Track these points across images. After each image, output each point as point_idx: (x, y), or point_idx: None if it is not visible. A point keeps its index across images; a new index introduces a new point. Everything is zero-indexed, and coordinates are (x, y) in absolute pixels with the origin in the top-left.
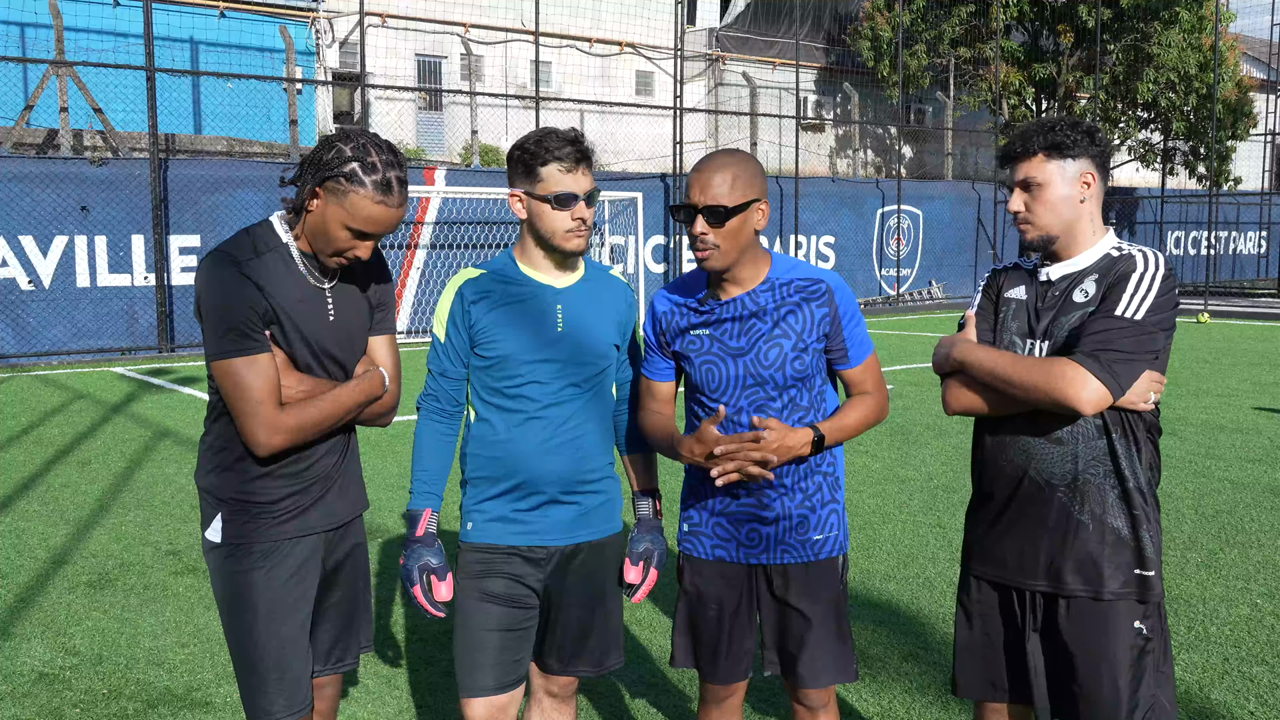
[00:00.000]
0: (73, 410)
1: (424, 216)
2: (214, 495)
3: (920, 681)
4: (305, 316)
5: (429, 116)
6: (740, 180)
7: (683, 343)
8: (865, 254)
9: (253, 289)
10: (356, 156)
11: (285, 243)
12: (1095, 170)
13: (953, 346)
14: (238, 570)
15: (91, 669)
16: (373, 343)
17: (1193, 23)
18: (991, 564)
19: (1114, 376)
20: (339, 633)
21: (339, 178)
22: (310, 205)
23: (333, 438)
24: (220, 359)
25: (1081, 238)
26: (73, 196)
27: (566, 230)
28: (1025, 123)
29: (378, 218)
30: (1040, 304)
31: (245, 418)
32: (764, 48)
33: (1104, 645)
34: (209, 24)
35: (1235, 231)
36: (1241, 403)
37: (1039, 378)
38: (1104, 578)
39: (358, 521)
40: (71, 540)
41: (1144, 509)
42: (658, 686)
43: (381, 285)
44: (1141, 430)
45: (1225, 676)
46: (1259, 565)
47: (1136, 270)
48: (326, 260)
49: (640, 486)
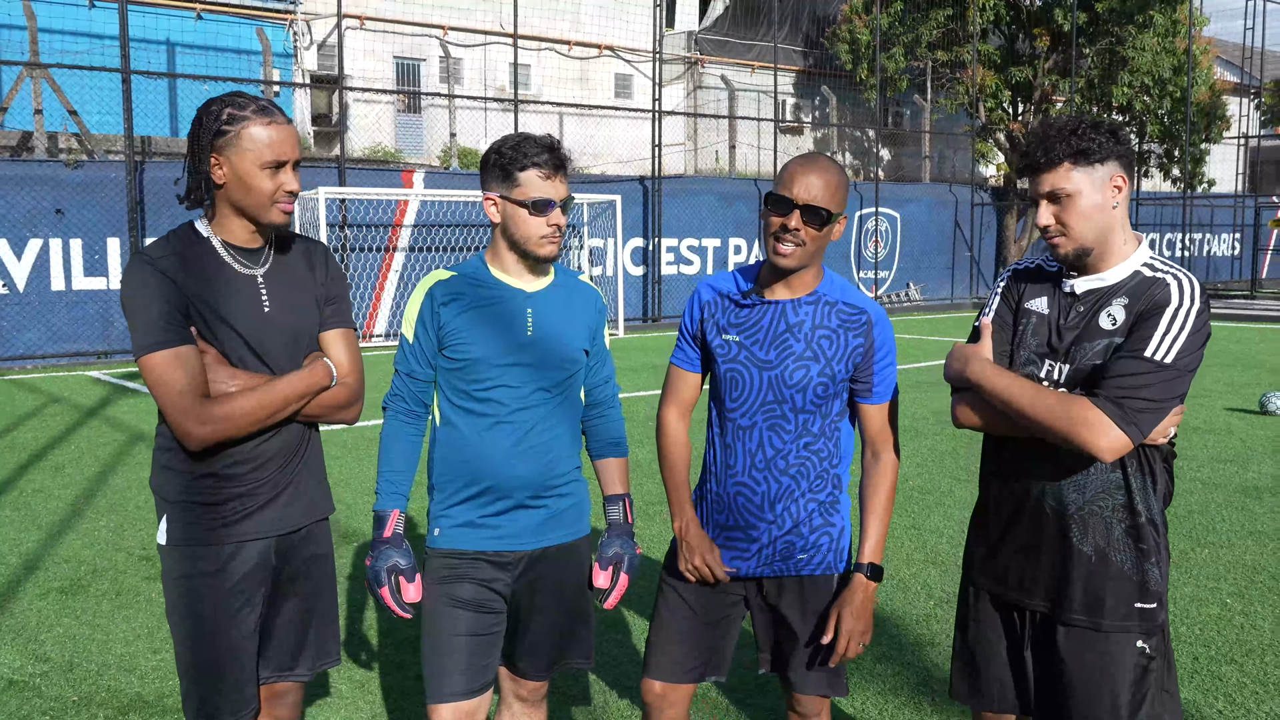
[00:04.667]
0: (47, 414)
1: (402, 219)
2: (161, 496)
3: (894, 683)
4: (233, 309)
5: (408, 119)
6: (842, 189)
7: (714, 342)
8: (844, 256)
9: (169, 284)
10: (224, 104)
11: (206, 237)
12: (1124, 172)
13: (967, 364)
14: (182, 573)
15: (62, 676)
16: (324, 338)
17: (1167, 26)
18: (992, 578)
19: (1137, 425)
20: (298, 641)
21: (222, 130)
22: (216, 176)
23: (283, 436)
24: (142, 354)
25: (1115, 249)
26: (47, 199)
27: (541, 236)
28: (1041, 124)
29: (279, 138)
30: (1063, 321)
31: (170, 411)
32: (742, 51)
33: (1104, 667)
34: (185, 26)
35: (1209, 234)
36: (1214, 403)
37: (1059, 419)
38: (1105, 609)
39: (319, 529)
40: (43, 546)
41: (1154, 540)
42: (632, 690)
43: (331, 279)
44: (1158, 461)
45: (1195, 676)
46: (1229, 565)
47: (1171, 304)
48: (268, 215)
49: (611, 491)
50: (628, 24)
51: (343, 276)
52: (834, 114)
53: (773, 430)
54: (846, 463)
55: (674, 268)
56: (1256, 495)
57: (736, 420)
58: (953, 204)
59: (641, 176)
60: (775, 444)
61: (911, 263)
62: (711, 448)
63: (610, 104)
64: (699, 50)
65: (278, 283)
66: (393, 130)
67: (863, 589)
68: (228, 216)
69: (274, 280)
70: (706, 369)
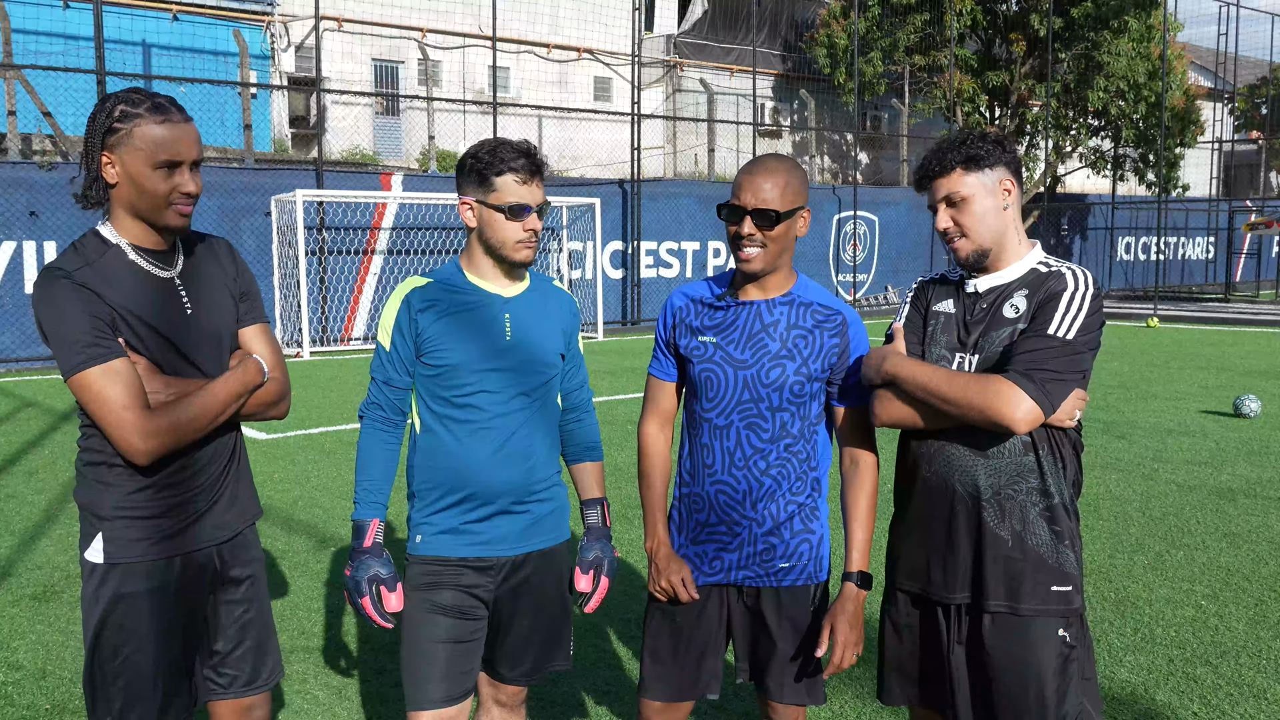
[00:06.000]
0: (20, 419)
1: (380, 222)
2: (93, 513)
3: (871, 687)
4: (158, 314)
5: (386, 121)
6: (791, 186)
7: (688, 345)
8: (822, 259)
9: (90, 295)
10: (118, 100)
11: (115, 243)
12: (1013, 177)
13: (884, 359)
14: (123, 592)
15: (35, 683)
16: (245, 334)
17: (1142, 32)
18: (914, 577)
19: (1046, 395)
20: (255, 651)
21: (114, 127)
22: (109, 176)
23: (215, 440)
24: (73, 373)
25: (1010, 248)
26: (21, 201)
27: (517, 241)
28: (935, 143)
29: (172, 137)
30: (969, 317)
31: (114, 428)
32: (721, 54)
33: (1028, 657)
34: (161, 27)
35: (1184, 237)
36: (1189, 406)
37: (973, 395)
38: (1023, 593)
39: (252, 533)
40: (16, 552)
41: (1066, 524)
42: (611, 694)
43: (240, 273)
44: (1067, 447)
45: (1170, 678)
46: (1204, 567)
47: (1067, 289)
48: (164, 218)
49: (589, 495)
50: (607, 27)
51: (249, 271)
52: (812, 118)
53: (750, 429)
54: (825, 467)
55: (653, 271)
56: (1230, 497)
57: (713, 420)
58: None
59: (621, 180)
60: (754, 443)
61: (890, 266)
62: (688, 448)
63: (589, 107)
64: (678, 54)
65: (194, 283)
66: (371, 133)
67: (854, 599)
68: (124, 218)
69: (190, 281)
70: (682, 376)
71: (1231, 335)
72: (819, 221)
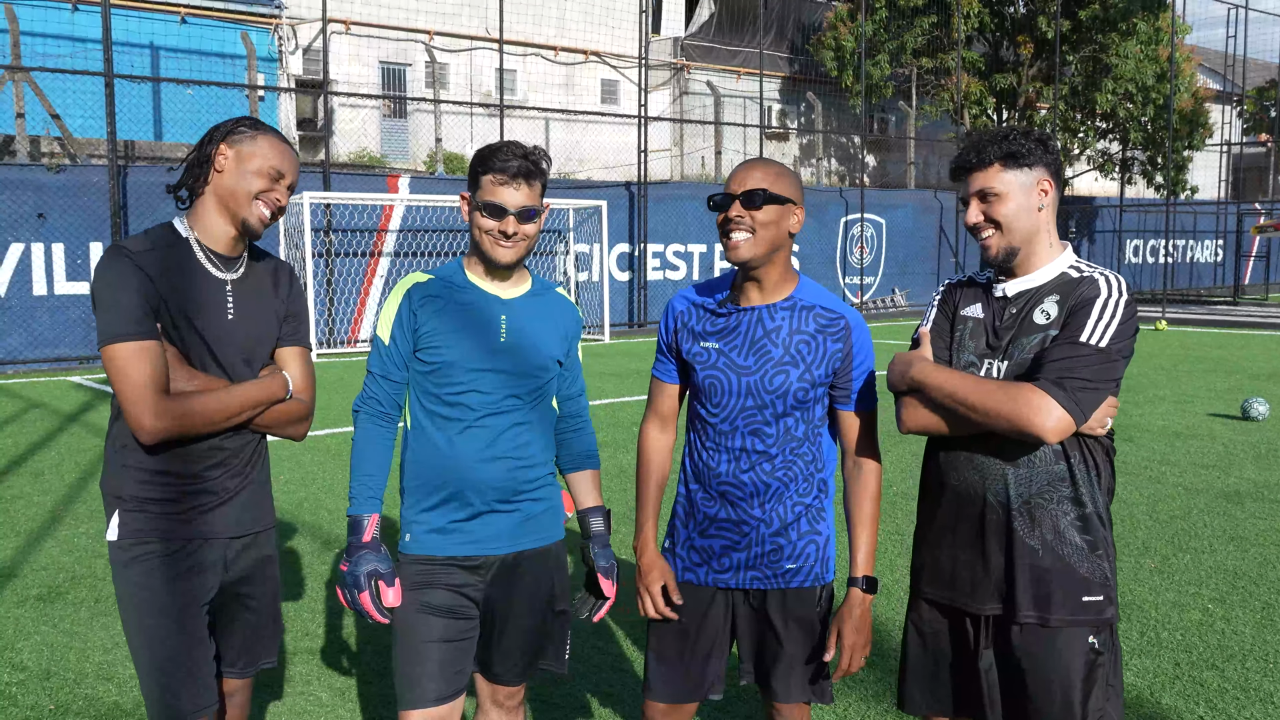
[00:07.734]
0: (27, 420)
1: (388, 224)
2: (112, 493)
3: (877, 689)
4: (199, 310)
5: (393, 124)
6: (780, 179)
7: (690, 350)
8: (829, 262)
9: (143, 277)
10: (246, 119)
11: (185, 237)
12: (1051, 178)
13: (910, 365)
14: (139, 567)
15: (39, 684)
16: (282, 354)
17: (1150, 34)
18: (942, 586)
19: (1078, 404)
20: (246, 641)
21: (239, 130)
22: (219, 163)
23: (239, 440)
24: (108, 343)
25: (1041, 251)
26: (29, 203)
27: (491, 238)
28: (975, 134)
29: (286, 155)
30: (998, 322)
31: (130, 403)
32: (728, 57)
33: (1057, 663)
34: (169, 29)
35: (1192, 240)
36: (1197, 409)
37: (1002, 404)
38: (1053, 604)
39: (266, 535)
40: (21, 553)
41: (1100, 533)
42: (614, 696)
43: (293, 295)
44: (1100, 454)
45: (1176, 681)
46: (1211, 570)
47: (1101, 295)
48: (248, 213)
49: (590, 503)
50: (614, 30)
51: (303, 297)
52: (819, 120)
53: (755, 435)
54: (830, 468)
55: (660, 273)
56: (1238, 500)
57: (718, 426)
58: (938, 210)
59: (627, 182)
60: (759, 446)
61: (897, 269)
62: (693, 450)
63: (596, 110)
64: (685, 56)
65: (244, 292)
66: (378, 135)
67: (860, 603)
68: (207, 213)
69: (240, 289)
70: (685, 379)
71: (1240, 338)
72: (825, 224)
